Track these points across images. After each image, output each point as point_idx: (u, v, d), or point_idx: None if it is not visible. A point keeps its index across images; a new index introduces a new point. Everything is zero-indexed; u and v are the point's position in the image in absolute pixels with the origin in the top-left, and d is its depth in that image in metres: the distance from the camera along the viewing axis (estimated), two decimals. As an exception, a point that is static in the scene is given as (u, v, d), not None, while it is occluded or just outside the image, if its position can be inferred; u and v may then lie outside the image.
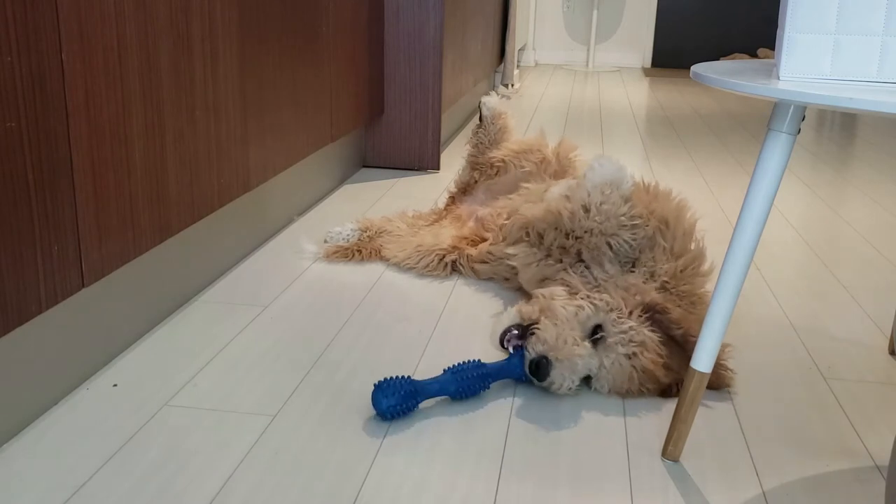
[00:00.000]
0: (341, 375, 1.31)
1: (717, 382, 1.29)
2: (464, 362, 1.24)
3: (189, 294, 1.58)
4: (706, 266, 1.42)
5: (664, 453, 1.12)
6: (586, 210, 1.41)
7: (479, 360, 1.24)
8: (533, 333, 1.25)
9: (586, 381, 1.28)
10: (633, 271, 1.38)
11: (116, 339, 1.35)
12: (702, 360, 1.07)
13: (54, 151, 1.09)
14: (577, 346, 1.23)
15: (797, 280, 1.82)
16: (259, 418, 1.18)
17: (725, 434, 1.18)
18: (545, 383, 1.24)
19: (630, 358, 1.24)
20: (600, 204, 1.40)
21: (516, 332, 1.29)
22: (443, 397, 1.24)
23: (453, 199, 2.02)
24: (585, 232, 1.41)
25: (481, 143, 2.01)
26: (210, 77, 1.51)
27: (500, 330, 1.31)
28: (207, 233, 1.64)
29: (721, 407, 1.26)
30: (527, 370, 1.24)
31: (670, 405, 1.25)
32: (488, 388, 1.25)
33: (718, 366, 1.28)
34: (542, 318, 1.27)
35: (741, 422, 1.22)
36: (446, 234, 1.81)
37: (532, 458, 1.11)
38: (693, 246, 1.42)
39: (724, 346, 1.30)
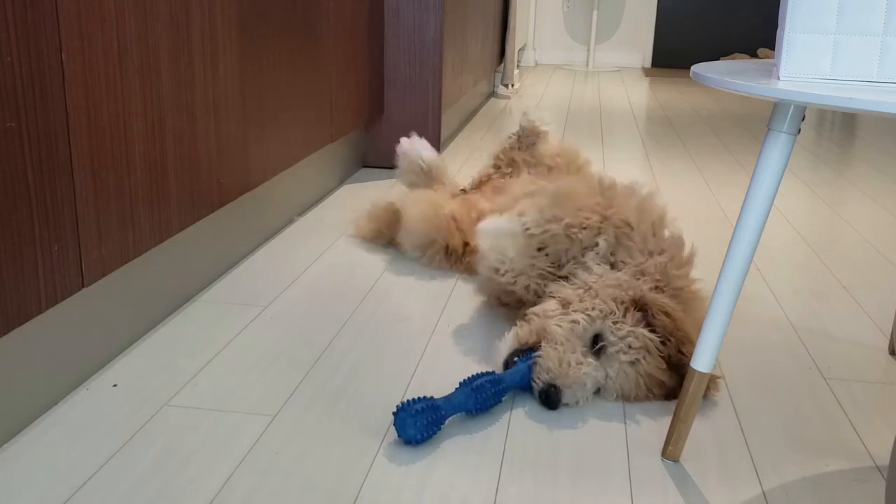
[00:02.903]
0: (341, 375, 1.31)
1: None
2: (479, 375, 1.20)
3: (189, 294, 1.58)
4: (685, 253, 1.41)
5: (664, 453, 1.12)
6: (498, 271, 1.42)
7: (493, 373, 1.21)
8: (535, 362, 1.23)
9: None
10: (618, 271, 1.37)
11: (116, 339, 1.35)
12: (702, 360, 1.07)
13: (54, 151, 1.09)
14: (582, 364, 1.22)
15: (797, 280, 1.82)
16: (259, 418, 1.18)
17: (725, 434, 1.18)
18: (556, 410, 1.23)
19: (634, 364, 1.23)
20: (502, 262, 1.41)
21: (517, 359, 1.27)
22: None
23: (464, 192, 2.03)
24: (513, 285, 1.42)
25: (512, 146, 2.04)
26: (210, 77, 1.51)
27: (499, 357, 1.29)
28: (207, 233, 1.64)
29: (721, 407, 1.26)
30: (538, 400, 1.23)
31: (670, 405, 1.25)
32: (502, 400, 1.23)
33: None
34: (542, 342, 1.25)
35: (741, 422, 1.22)
36: (452, 204, 1.85)
37: (532, 458, 1.11)
38: (668, 237, 1.41)
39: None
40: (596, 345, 1.25)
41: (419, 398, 1.13)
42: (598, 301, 1.28)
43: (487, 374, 1.21)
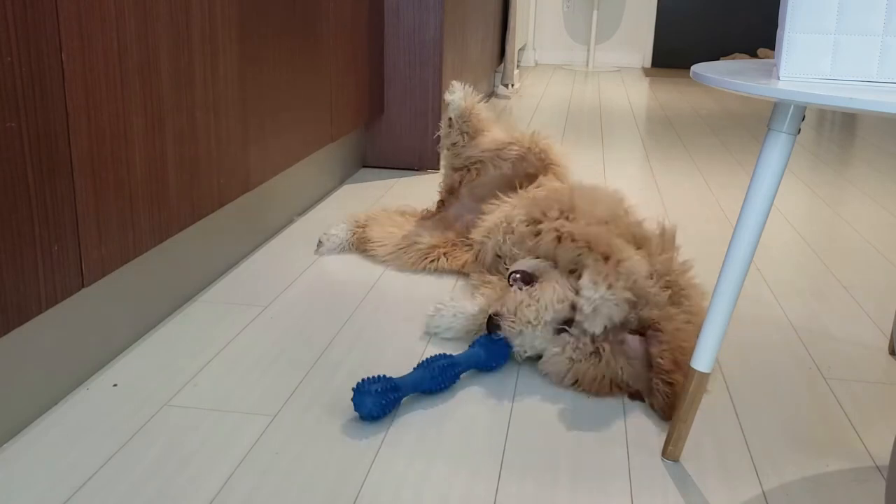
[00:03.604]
0: (341, 375, 1.31)
1: (655, 403, 1.23)
2: (436, 357, 1.26)
3: (189, 294, 1.58)
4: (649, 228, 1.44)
5: (664, 453, 1.12)
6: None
7: (450, 355, 1.27)
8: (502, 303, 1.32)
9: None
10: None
11: (116, 339, 1.35)
12: (702, 360, 1.07)
13: (54, 151, 1.09)
14: (532, 322, 1.29)
15: (797, 280, 1.82)
16: (259, 418, 1.18)
17: (725, 434, 1.18)
18: (500, 335, 1.32)
19: (571, 361, 1.28)
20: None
21: (518, 276, 1.36)
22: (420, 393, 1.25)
23: (443, 203, 1.95)
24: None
25: (455, 144, 1.87)
26: (210, 77, 1.51)
27: (514, 268, 1.37)
28: (207, 233, 1.64)
29: (721, 407, 1.26)
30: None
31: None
32: (458, 378, 1.28)
33: (667, 385, 1.22)
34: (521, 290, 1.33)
35: (741, 422, 1.22)
36: (428, 234, 1.81)
37: (532, 458, 1.11)
38: (640, 232, 1.43)
39: (672, 370, 1.23)
40: (563, 325, 1.30)
41: (376, 377, 1.18)
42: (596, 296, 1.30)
43: (444, 356, 1.27)
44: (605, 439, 1.16)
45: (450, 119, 1.86)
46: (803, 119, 0.99)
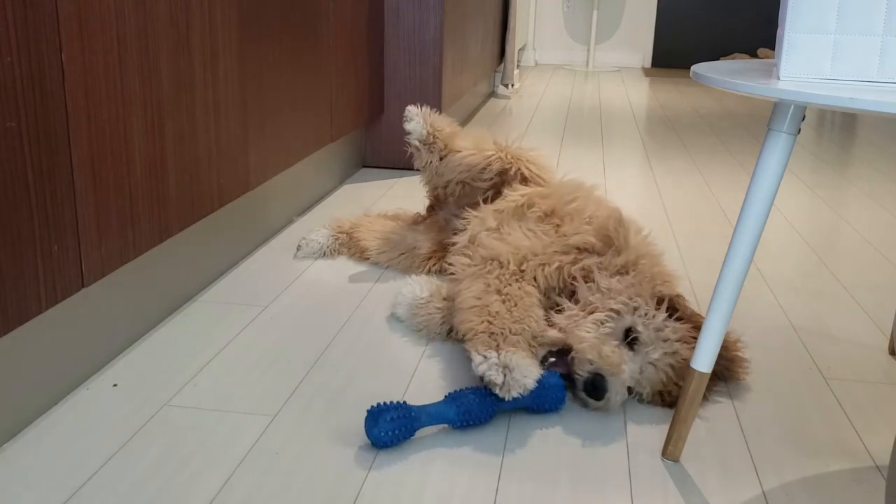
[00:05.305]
0: (341, 375, 1.31)
1: (732, 374, 1.32)
2: (467, 390, 1.16)
3: (189, 294, 1.58)
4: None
5: (664, 453, 1.12)
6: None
7: (482, 389, 1.16)
8: (572, 358, 1.21)
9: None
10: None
11: (116, 339, 1.35)
12: (702, 361, 1.07)
13: (54, 151, 1.09)
14: (618, 350, 1.20)
15: (797, 280, 1.82)
16: (259, 418, 1.18)
17: (725, 434, 1.18)
18: (602, 402, 1.20)
19: (674, 354, 1.22)
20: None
21: (553, 359, 1.25)
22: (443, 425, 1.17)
23: (432, 208, 1.91)
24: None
25: (429, 164, 1.79)
26: (210, 77, 1.51)
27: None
28: (207, 233, 1.65)
29: (721, 407, 1.26)
30: (583, 392, 1.21)
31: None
32: (493, 416, 1.18)
33: (737, 357, 1.32)
34: (572, 338, 1.23)
35: (741, 422, 1.22)
36: (424, 238, 1.80)
37: (532, 458, 1.11)
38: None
39: (735, 340, 1.34)
40: (628, 338, 1.23)
41: (395, 404, 1.11)
42: (623, 298, 1.26)
43: (476, 389, 1.17)
44: (605, 439, 1.16)
45: (414, 150, 1.80)
46: (803, 119, 0.99)
